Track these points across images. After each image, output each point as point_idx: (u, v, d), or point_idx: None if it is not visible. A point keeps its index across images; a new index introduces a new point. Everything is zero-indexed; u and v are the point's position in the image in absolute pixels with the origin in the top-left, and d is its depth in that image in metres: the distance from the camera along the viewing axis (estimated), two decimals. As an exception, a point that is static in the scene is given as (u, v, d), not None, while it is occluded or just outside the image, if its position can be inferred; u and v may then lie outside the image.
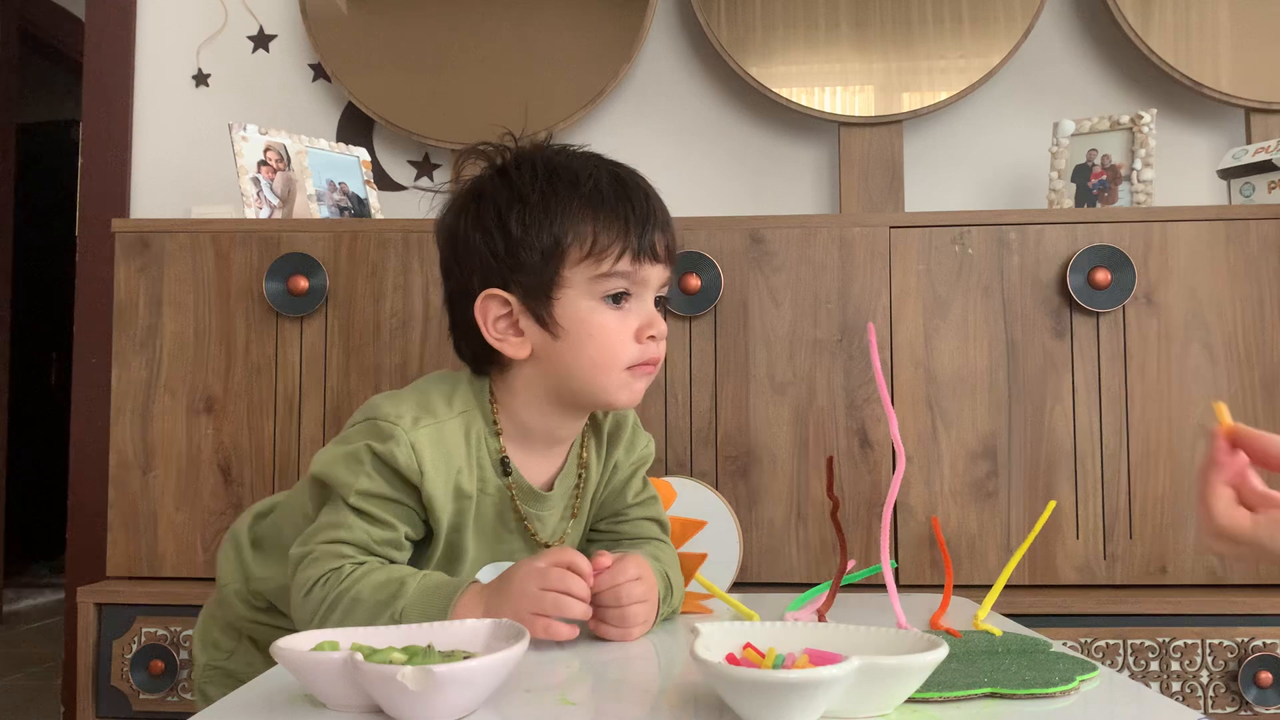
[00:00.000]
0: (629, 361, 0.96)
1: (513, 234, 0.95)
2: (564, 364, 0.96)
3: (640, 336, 0.96)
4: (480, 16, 2.10)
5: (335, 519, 0.95)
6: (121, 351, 1.63)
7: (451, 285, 1.01)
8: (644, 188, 0.99)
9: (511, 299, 0.96)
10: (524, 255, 0.95)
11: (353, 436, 0.96)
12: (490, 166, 1.00)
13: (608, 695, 0.74)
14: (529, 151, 1.00)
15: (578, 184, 0.96)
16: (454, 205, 1.01)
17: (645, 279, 0.96)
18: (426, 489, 0.94)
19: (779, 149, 2.11)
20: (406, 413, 0.94)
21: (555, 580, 0.87)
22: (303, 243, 1.62)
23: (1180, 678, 1.47)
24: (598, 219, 0.94)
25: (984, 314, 1.57)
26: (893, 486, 0.88)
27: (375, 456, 0.93)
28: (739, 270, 1.59)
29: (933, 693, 0.68)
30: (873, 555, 1.54)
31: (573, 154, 1.00)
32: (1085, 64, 2.07)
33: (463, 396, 0.99)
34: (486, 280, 0.96)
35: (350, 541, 0.93)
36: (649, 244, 0.95)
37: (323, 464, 0.96)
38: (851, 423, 1.56)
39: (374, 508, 0.94)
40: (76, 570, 2.01)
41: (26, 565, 4.53)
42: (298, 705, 0.69)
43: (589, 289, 0.95)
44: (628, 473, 1.08)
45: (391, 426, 0.93)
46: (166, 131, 2.18)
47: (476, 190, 0.99)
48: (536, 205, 0.95)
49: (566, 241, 0.94)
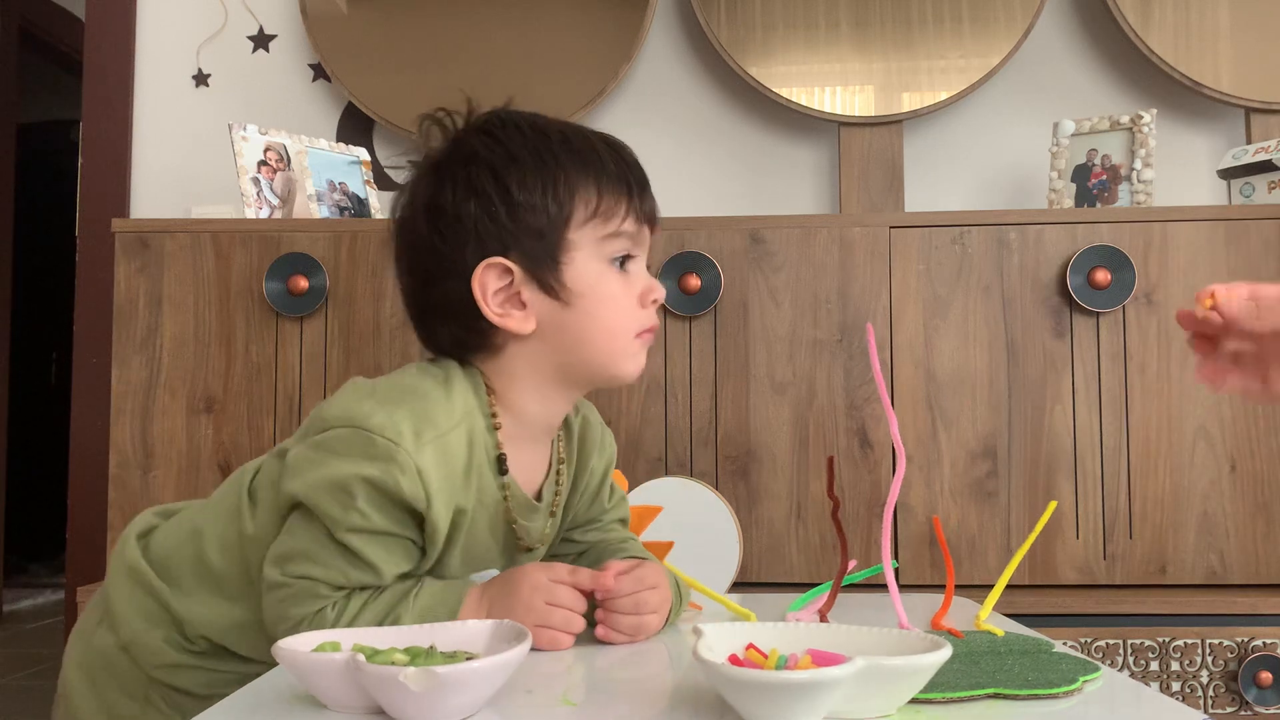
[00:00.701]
0: (637, 328, 0.92)
1: (514, 196, 0.88)
2: (573, 334, 0.89)
3: (644, 301, 0.92)
4: (480, 16, 2.10)
5: (312, 549, 0.84)
6: (121, 351, 1.63)
7: (427, 263, 0.91)
8: (628, 148, 0.95)
9: (514, 267, 0.88)
10: (528, 218, 0.88)
11: (336, 448, 0.83)
12: (467, 130, 0.93)
13: (610, 696, 0.74)
14: (505, 113, 0.94)
15: (570, 142, 0.91)
16: (433, 178, 0.92)
17: (644, 241, 0.93)
18: (431, 517, 0.84)
19: (779, 149, 2.11)
20: (405, 426, 0.82)
21: (563, 598, 0.86)
22: (303, 243, 1.62)
23: (1180, 678, 1.47)
24: (600, 177, 0.90)
25: (984, 314, 1.57)
26: (893, 487, 0.88)
27: (371, 487, 0.82)
28: (739, 270, 1.59)
29: (936, 694, 0.68)
30: (873, 555, 1.54)
31: (546, 117, 0.95)
32: (1085, 64, 2.07)
33: (461, 394, 0.89)
34: (483, 250, 0.88)
35: (324, 581, 0.83)
36: (650, 206, 0.92)
37: (306, 487, 0.83)
38: (851, 423, 1.56)
39: (363, 545, 0.83)
40: (76, 570, 2.01)
41: (26, 565, 4.53)
42: (298, 706, 0.69)
43: (597, 251, 0.90)
44: (600, 475, 1.04)
45: (392, 447, 0.81)
46: (166, 131, 2.18)
47: (464, 155, 0.91)
48: (534, 165, 0.89)
49: (573, 201, 0.89)
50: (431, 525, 0.85)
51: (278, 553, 0.86)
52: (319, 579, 0.83)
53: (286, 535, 0.86)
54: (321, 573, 0.83)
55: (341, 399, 0.87)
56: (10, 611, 3.94)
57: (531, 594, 0.86)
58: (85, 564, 1.97)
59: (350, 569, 0.84)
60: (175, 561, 0.92)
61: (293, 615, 0.84)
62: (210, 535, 0.91)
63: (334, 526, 0.83)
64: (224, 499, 0.94)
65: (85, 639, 0.95)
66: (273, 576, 0.85)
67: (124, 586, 0.93)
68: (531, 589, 0.86)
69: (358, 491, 0.82)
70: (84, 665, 0.94)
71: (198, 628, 0.90)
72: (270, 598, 0.85)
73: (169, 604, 0.90)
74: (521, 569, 0.89)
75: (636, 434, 1.58)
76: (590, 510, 1.04)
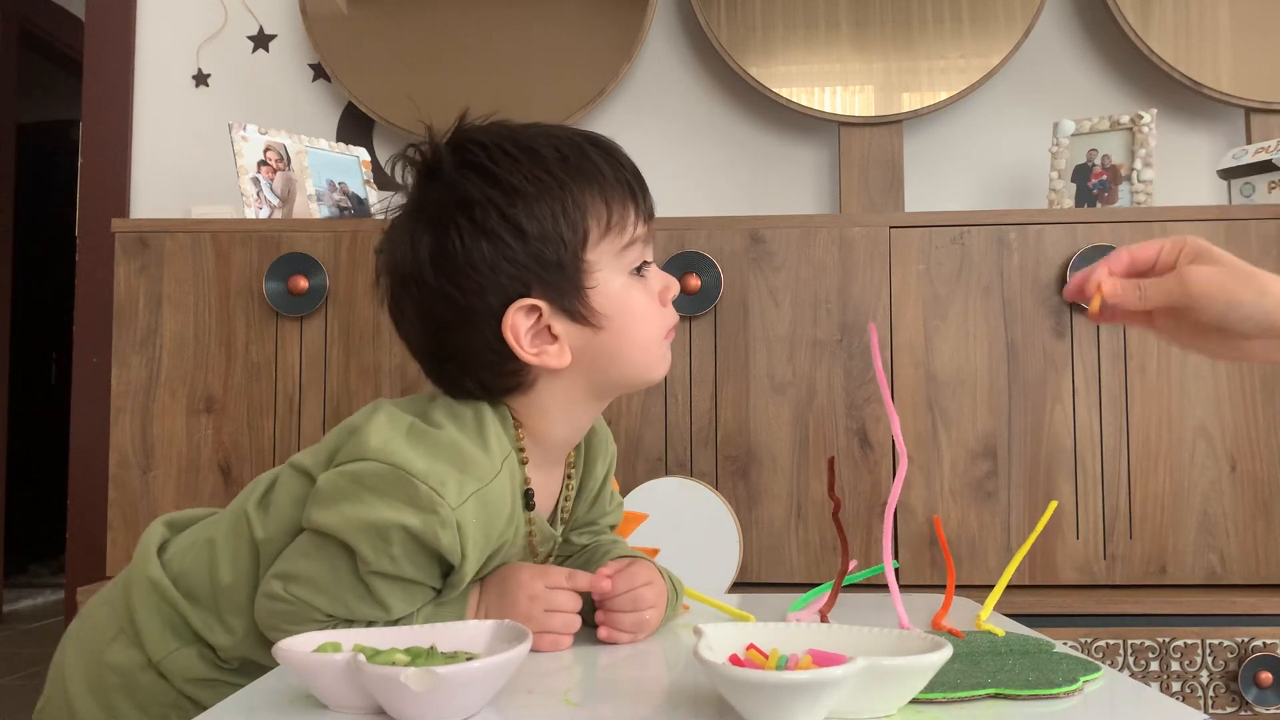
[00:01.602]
0: (664, 329, 0.90)
1: (528, 231, 0.83)
2: (609, 355, 0.87)
3: (664, 300, 0.90)
4: (480, 16, 2.10)
5: (323, 581, 0.81)
6: (121, 351, 1.63)
7: (444, 316, 0.86)
8: (619, 146, 0.91)
9: (540, 304, 0.84)
10: (545, 251, 0.84)
11: (377, 487, 0.79)
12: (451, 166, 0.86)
13: (610, 696, 0.74)
14: (482, 136, 0.87)
15: (566, 158, 0.86)
16: (433, 226, 0.85)
17: (651, 241, 0.91)
18: (462, 569, 0.82)
19: (779, 149, 2.11)
20: (449, 476, 0.79)
21: (561, 602, 0.86)
22: (303, 243, 1.62)
23: (1180, 678, 1.47)
24: (604, 189, 0.86)
25: (984, 314, 1.57)
26: (895, 487, 0.88)
27: (409, 536, 0.79)
28: (739, 270, 1.59)
29: (937, 694, 0.68)
30: (873, 555, 1.54)
31: (529, 127, 0.89)
32: (1085, 64, 2.07)
33: (496, 435, 0.85)
34: (505, 294, 0.84)
35: (323, 610, 0.82)
36: (650, 202, 0.90)
37: (341, 523, 0.80)
38: (851, 423, 1.56)
39: (381, 587, 0.81)
40: (76, 570, 2.01)
41: (26, 565, 4.53)
42: (299, 706, 0.69)
43: (616, 265, 0.87)
44: (602, 478, 1.03)
45: (435, 498, 0.78)
46: (166, 131, 2.18)
47: (460, 197, 0.84)
48: (538, 193, 0.84)
49: (585, 221, 0.85)
50: (460, 576, 0.83)
51: (285, 569, 0.84)
52: (319, 607, 0.82)
53: (300, 555, 0.83)
54: (325, 603, 0.82)
55: (380, 430, 0.82)
56: (10, 611, 3.94)
57: (530, 605, 0.86)
58: (85, 564, 1.97)
59: (358, 605, 0.82)
60: (192, 578, 0.89)
61: (286, 629, 0.81)
62: (222, 550, 0.89)
63: (361, 565, 0.80)
64: (234, 514, 0.91)
65: (94, 655, 0.90)
66: (273, 588, 0.83)
67: (149, 602, 0.89)
68: (530, 600, 0.86)
69: (394, 539, 0.79)
70: (94, 684, 0.90)
71: (237, 649, 0.87)
72: (264, 604, 0.84)
73: (189, 619, 0.88)
74: (516, 576, 0.87)
75: (636, 434, 1.58)
76: (590, 513, 1.04)
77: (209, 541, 0.90)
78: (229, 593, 0.87)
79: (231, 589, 0.87)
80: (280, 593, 0.83)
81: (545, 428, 0.89)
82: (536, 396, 0.88)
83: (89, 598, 1.56)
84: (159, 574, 0.89)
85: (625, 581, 0.89)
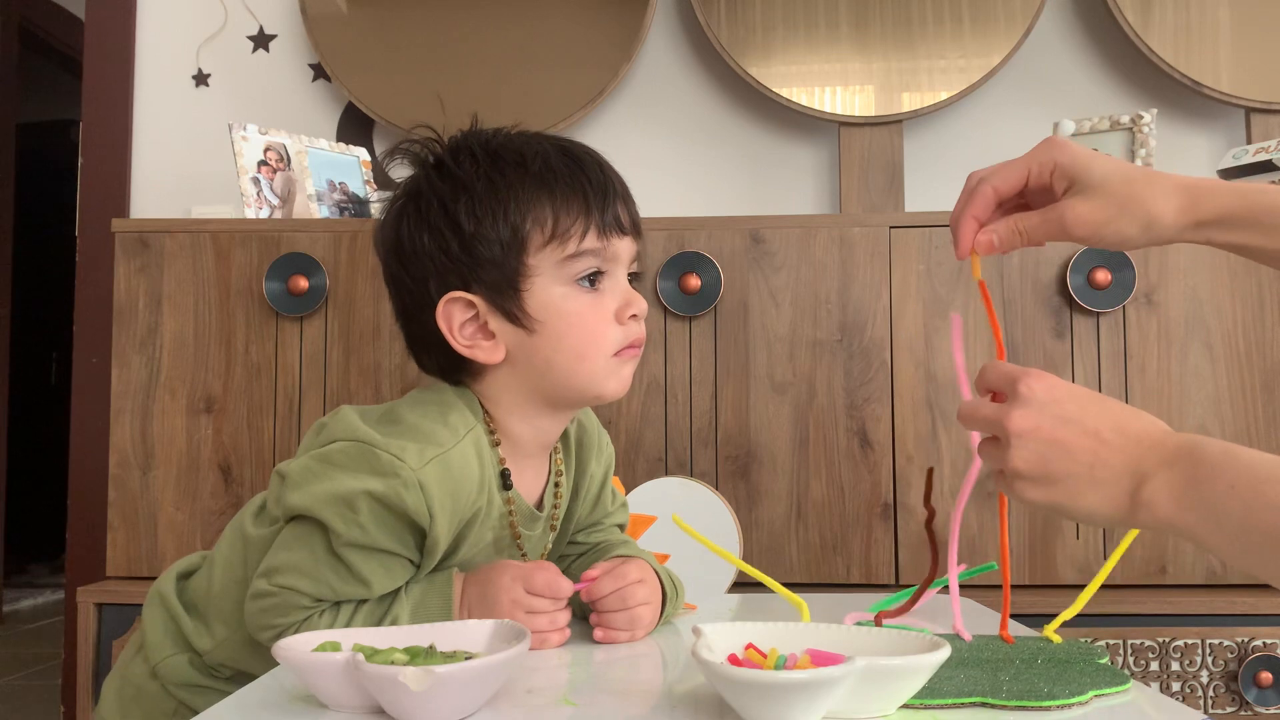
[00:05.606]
0: (614, 346, 0.89)
1: (465, 228, 0.87)
2: (544, 360, 0.88)
3: (621, 317, 0.89)
4: (480, 17, 2.10)
5: (304, 563, 0.83)
6: (121, 351, 1.63)
7: (403, 297, 0.92)
8: (597, 159, 0.91)
9: (476, 299, 0.87)
10: (482, 249, 0.87)
11: (340, 461, 0.83)
12: (422, 165, 0.92)
13: (609, 696, 0.74)
14: (463, 138, 0.91)
15: (525, 163, 0.88)
16: (390, 211, 0.92)
17: (616, 254, 0.90)
18: (434, 533, 0.83)
19: (779, 149, 2.11)
20: (409, 445, 0.82)
21: (541, 604, 0.86)
22: (303, 243, 1.62)
23: (1180, 678, 1.47)
24: (555, 197, 0.87)
25: (984, 314, 1.56)
26: (965, 486, 0.85)
27: (375, 501, 0.81)
28: (739, 270, 1.59)
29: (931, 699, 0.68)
30: (873, 555, 1.54)
31: (512, 134, 0.92)
32: (1085, 64, 2.07)
33: (459, 413, 0.88)
34: (444, 284, 0.88)
35: (309, 594, 0.83)
36: (613, 216, 0.89)
37: (309, 499, 0.82)
38: (851, 423, 1.56)
39: (359, 561, 0.83)
40: (76, 570, 2.01)
41: (26, 565, 4.53)
42: (299, 706, 0.69)
43: (558, 274, 0.87)
44: (600, 479, 1.03)
45: (396, 462, 0.81)
46: (166, 131, 2.18)
47: (412, 189, 0.90)
48: (485, 193, 0.87)
49: (526, 227, 0.86)
50: (432, 540, 0.84)
51: (268, 565, 0.85)
52: (304, 591, 0.83)
53: (280, 549, 0.85)
54: (309, 585, 0.83)
55: (346, 418, 0.87)
56: (10, 611, 3.94)
57: (512, 609, 0.86)
58: (85, 564, 1.97)
59: (340, 584, 0.83)
60: (194, 590, 0.94)
61: (277, 624, 0.83)
62: (217, 559, 0.93)
63: (332, 539, 0.82)
64: (233, 526, 0.95)
65: (121, 670, 0.97)
66: (259, 586, 0.85)
67: (155, 614, 0.94)
68: (511, 605, 0.86)
69: (361, 505, 0.81)
70: (119, 695, 0.95)
71: (219, 654, 0.91)
72: (253, 606, 0.85)
73: (181, 625, 0.92)
74: (498, 578, 0.87)
75: (636, 434, 1.58)
76: (593, 514, 1.04)
77: (212, 557, 0.94)
78: (217, 600, 0.91)
79: (220, 596, 0.90)
80: (265, 587, 0.84)
81: (503, 418, 0.92)
82: (488, 387, 0.91)
83: (88, 598, 1.57)
84: (167, 588, 0.95)
85: (613, 581, 0.90)
